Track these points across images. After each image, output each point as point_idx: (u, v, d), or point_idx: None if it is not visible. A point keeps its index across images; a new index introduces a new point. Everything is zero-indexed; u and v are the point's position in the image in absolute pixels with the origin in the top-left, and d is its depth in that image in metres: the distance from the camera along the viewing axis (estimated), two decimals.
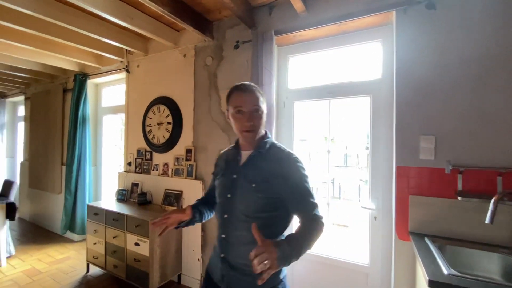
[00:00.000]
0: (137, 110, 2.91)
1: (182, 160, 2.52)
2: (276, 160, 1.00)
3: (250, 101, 0.99)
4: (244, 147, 1.08)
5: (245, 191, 0.98)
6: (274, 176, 0.96)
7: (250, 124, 0.98)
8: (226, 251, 1.01)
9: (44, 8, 1.99)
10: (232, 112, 1.02)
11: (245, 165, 1.03)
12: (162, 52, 2.71)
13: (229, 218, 1.01)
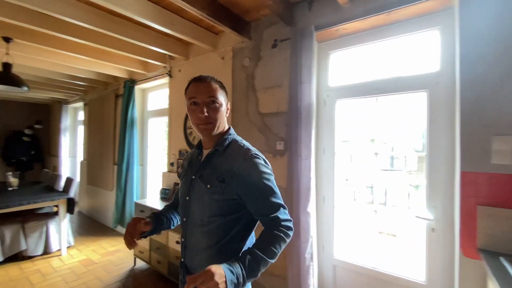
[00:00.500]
0: (179, 112, 3.03)
1: None
2: (233, 157, 0.91)
3: (204, 91, 0.91)
4: (206, 145, 1.00)
5: (200, 193, 0.92)
6: (230, 175, 0.88)
7: (204, 116, 0.89)
8: (184, 255, 0.98)
9: (99, 21, 2.17)
10: (187, 104, 0.94)
11: (202, 165, 0.96)
12: (202, 56, 2.78)
13: (187, 222, 0.96)
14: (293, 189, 1.94)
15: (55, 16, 2.02)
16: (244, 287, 0.76)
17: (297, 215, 1.90)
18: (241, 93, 2.42)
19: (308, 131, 1.87)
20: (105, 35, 2.55)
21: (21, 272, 2.74)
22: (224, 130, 0.99)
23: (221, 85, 0.97)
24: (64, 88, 4.69)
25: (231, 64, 2.51)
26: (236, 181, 0.87)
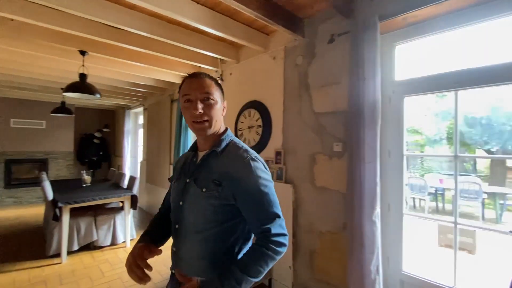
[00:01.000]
0: (230, 115, 3.07)
1: (271, 162, 2.50)
2: (231, 159, 0.86)
3: (198, 87, 0.85)
4: (201, 146, 0.94)
5: (195, 197, 0.85)
6: (227, 178, 0.82)
7: (199, 112, 0.83)
8: (176, 266, 0.90)
9: (160, 30, 2.31)
10: (181, 103, 0.88)
11: (198, 167, 0.90)
12: (252, 58, 2.78)
13: (180, 229, 0.89)
14: (355, 195, 1.79)
15: (123, 28, 2.21)
16: None
17: (361, 223, 1.74)
18: (293, 92, 2.34)
19: (373, 132, 1.70)
20: (162, 43, 2.72)
21: (93, 260, 3.06)
22: (220, 130, 0.94)
23: (216, 82, 0.91)
24: (127, 95, 5.18)
25: (283, 63, 2.45)
26: (233, 185, 0.82)
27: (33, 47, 2.69)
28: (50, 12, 2.07)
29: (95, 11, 1.96)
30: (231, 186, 0.82)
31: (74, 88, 2.73)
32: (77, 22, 2.20)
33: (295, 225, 2.28)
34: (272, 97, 2.54)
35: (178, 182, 0.95)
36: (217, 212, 0.83)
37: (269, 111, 2.56)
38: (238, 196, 0.82)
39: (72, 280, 2.60)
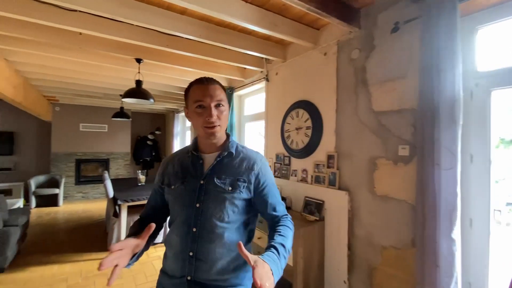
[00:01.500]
0: (276, 116, 2.98)
1: (323, 167, 2.32)
2: (250, 158, 0.94)
3: (212, 94, 0.87)
4: (207, 148, 0.95)
5: (217, 197, 0.88)
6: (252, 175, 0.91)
7: (214, 119, 0.86)
8: (195, 270, 0.85)
9: (208, 34, 2.32)
10: (192, 108, 0.89)
11: (214, 168, 0.91)
12: (301, 56, 2.64)
13: (200, 232, 0.86)
14: (427, 207, 1.53)
15: (174, 34, 2.28)
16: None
17: (435, 240, 1.48)
18: (348, 90, 2.14)
19: (453, 133, 1.43)
20: (210, 46, 2.75)
21: (147, 256, 3.24)
22: (224, 134, 0.98)
23: (224, 88, 0.95)
24: (176, 99, 5.45)
25: (335, 59, 2.26)
26: (258, 181, 0.91)
27: (96, 57, 2.94)
28: (110, 24, 2.22)
29: (148, 18, 2.03)
30: (254, 182, 0.91)
31: (131, 94, 2.92)
32: (133, 32, 2.32)
33: (351, 236, 2.07)
34: (323, 96, 2.36)
35: (184, 186, 0.92)
36: (239, 208, 0.90)
37: (320, 111, 2.39)
38: (261, 189, 0.92)
39: (129, 274, 2.77)
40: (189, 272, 0.86)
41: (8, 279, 2.63)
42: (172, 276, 0.90)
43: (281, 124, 2.85)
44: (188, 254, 0.87)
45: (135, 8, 1.97)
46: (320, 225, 2.24)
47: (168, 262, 0.94)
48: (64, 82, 4.08)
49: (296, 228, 2.06)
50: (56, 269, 2.84)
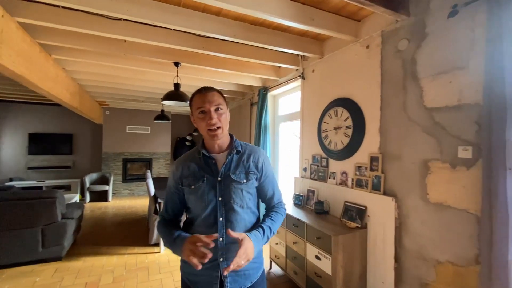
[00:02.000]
0: (312, 115, 2.85)
1: (365, 169, 2.14)
2: (254, 154, 1.09)
3: (211, 100, 0.99)
4: (214, 149, 1.07)
5: (235, 189, 1.02)
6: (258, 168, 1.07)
7: (214, 121, 0.97)
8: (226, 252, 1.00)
9: (242, 33, 2.30)
10: (196, 114, 1.01)
11: (228, 166, 1.05)
12: (339, 50, 2.48)
13: (226, 220, 1.01)
14: (496, 219, 1.29)
15: (209, 36, 2.30)
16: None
17: (506, 258, 1.25)
18: (395, 85, 1.93)
19: None
20: (244, 47, 2.73)
21: None
22: (228, 135, 1.09)
23: (221, 94, 1.05)
24: None
25: (379, 52, 2.06)
26: (262, 171, 1.08)
27: (139, 63, 3.12)
28: (150, 30, 2.32)
29: (185, 22, 2.07)
30: (260, 172, 1.09)
31: (170, 97, 3.04)
32: (171, 36, 2.40)
33: (398, 246, 1.87)
34: (365, 92, 2.18)
35: (205, 183, 1.03)
36: (253, 195, 1.08)
37: (361, 108, 2.21)
38: (264, 178, 1.10)
39: (167, 270, 2.88)
40: (221, 254, 1.00)
41: (64, 266, 2.91)
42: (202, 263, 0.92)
43: (318, 123, 2.71)
44: (218, 240, 1.00)
45: (173, 13, 2.02)
46: (362, 233, 2.07)
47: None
48: (112, 87, 4.43)
49: (334, 235, 1.93)
50: (105, 261, 3.07)
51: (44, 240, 2.94)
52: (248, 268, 1.03)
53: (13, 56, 1.98)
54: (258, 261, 1.09)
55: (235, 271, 1.00)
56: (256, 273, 1.07)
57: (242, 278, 1.03)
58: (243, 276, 1.03)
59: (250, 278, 1.05)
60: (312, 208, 2.60)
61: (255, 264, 1.06)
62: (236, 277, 1.02)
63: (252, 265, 1.04)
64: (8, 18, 1.88)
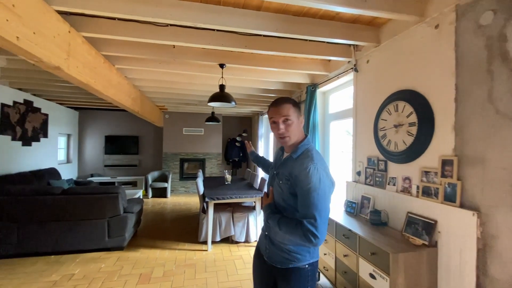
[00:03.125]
0: (367, 112, 2.52)
1: (435, 175, 1.76)
2: (299, 163, 1.14)
3: (280, 112, 1.16)
4: (286, 149, 1.28)
5: (276, 185, 1.24)
6: (292, 176, 1.14)
7: (281, 131, 1.16)
8: (268, 230, 1.27)
9: (284, 26, 2.15)
10: (270, 123, 1.22)
11: (280, 165, 1.26)
12: (400, 35, 2.12)
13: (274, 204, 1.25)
14: None
15: (251, 32, 2.21)
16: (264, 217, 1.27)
17: None
18: (476, 69, 1.53)
19: None
20: (288, 41, 2.57)
21: (230, 254, 3.34)
22: (299, 139, 1.22)
23: (293, 104, 1.19)
24: (260, 102, 5.55)
25: (453, 30, 1.67)
26: (295, 183, 1.13)
27: (188, 67, 3.24)
28: (194, 33, 2.36)
29: (226, 20, 2.03)
30: (293, 183, 1.13)
31: (215, 98, 3.07)
32: (214, 37, 2.40)
33: (481, 275, 1.46)
34: (434, 82, 1.80)
35: (272, 171, 1.36)
36: (287, 196, 1.17)
37: (429, 101, 1.83)
38: (297, 191, 1.13)
39: (213, 269, 2.90)
40: (267, 229, 1.30)
41: (124, 256, 3.20)
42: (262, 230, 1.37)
43: (374, 121, 2.37)
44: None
45: (213, 12, 2.00)
46: (431, 252, 1.70)
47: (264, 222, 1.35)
48: (168, 92, 4.76)
49: (394, 252, 1.63)
50: (158, 254, 3.28)
51: (110, 230, 3.29)
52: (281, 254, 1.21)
53: (80, 67, 2.23)
54: (291, 256, 1.20)
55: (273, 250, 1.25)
56: (287, 263, 1.20)
57: (276, 258, 1.23)
58: (277, 257, 1.23)
59: (281, 263, 1.22)
60: (366, 218, 2.29)
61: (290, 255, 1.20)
62: (272, 254, 1.25)
63: (287, 255, 1.20)
64: (74, 34, 2.12)
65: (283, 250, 1.20)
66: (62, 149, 6.79)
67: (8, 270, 2.80)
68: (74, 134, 7.16)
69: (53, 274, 2.73)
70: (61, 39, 1.93)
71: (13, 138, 4.58)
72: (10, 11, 1.40)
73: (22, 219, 3.06)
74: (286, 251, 1.19)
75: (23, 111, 4.81)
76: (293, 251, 1.19)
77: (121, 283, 2.58)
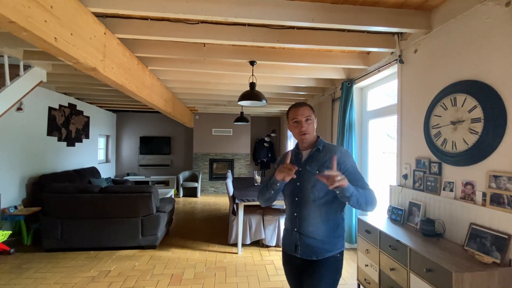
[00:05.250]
0: (416, 107, 2.24)
1: (507, 180, 1.47)
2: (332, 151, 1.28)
3: (303, 113, 1.30)
4: (303, 147, 1.37)
5: (309, 178, 1.26)
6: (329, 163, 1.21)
7: (304, 128, 1.30)
8: (298, 225, 1.30)
9: (320, 15, 1.97)
10: (291, 123, 1.35)
11: (307, 160, 1.32)
12: (457, 18, 1.83)
13: (300, 200, 1.29)
14: None
15: (284, 24, 2.07)
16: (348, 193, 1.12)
17: None
18: None
19: None
20: (323, 33, 2.40)
21: (261, 258, 3.21)
22: (314, 138, 1.37)
23: (311, 108, 1.35)
24: (290, 100, 5.37)
25: None
26: (339, 165, 1.22)
27: (217, 66, 3.19)
28: (224, 29, 2.28)
29: (257, 12, 1.91)
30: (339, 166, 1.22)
31: (246, 97, 2.98)
32: (245, 32, 2.31)
33: None
34: (507, 70, 1.51)
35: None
36: (324, 186, 1.18)
37: (499, 93, 1.54)
38: (344, 171, 1.22)
39: (244, 274, 2.80)
40: (295, 225, 1.31)
41: (157, 255, 3.23)
42: (287, 229, 1.39)
43: (425, 118, 2.10)
44: (294, 214, 1.32)
45: (245, 5, 1.89)
46: (504, 273, 1.41)
47: (286, 222, 1.41)
48: (198, 93, 4.80)
49: (457, 271, 1.38)
50: (189, 254, 3.27)
51: (143, 229, 3.35)
52: (318, 246, 1.27)
53: (115, 68, 2.26)
54: (328, 246, 1.27)
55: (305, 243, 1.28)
56: (323, 253, 1.27)
57: (310, 251, 1.28)
58: (312, 250, 1.27)
59: (317, 254, 1.27)
60: (417, 227, 2.02)
61: (324, 245, 1.27)
62: (306, 248, 1.28)
63: (321, 245, 1.26)
64: (109, 35, 2.15)
65: (316, 240, 1.26)
66: (102, 149, 7.22)
67: (51, 263, 2.96)
68: (112, 135, 7.59)
69: (91, 269, 2.83)
70: (97, 41, 1.96)
71: (59, 139, 4.93)
72: (48, 12, 1.42)
73: (65, 215, 3.23)
74: (319, 241, 1.26)
75: (67, 114, 5.16)
76: (327, 241, 1.27)
77: (153, 282, 2.58)
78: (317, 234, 1.27)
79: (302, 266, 1.32)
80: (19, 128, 3.91)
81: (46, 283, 2.55)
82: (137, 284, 2.54)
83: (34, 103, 4.18)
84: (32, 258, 3.08)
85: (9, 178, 3.73)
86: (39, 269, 2.83)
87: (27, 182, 4.06)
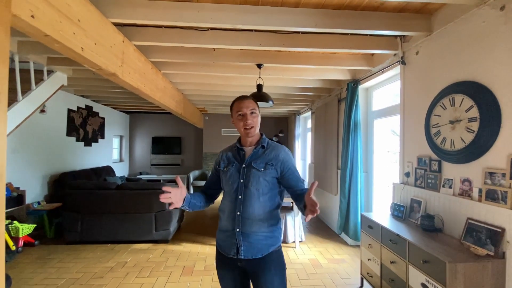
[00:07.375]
0: (417, 107, 2.32)
1: (502, 177, 1.54)
2: (276, 150, 1.30)
3: (247, 105, 1.26)
4: (246, 144, 1.32)
5: (254, 176, 1.24)
6: (276, 161, 1.26)
7: (249, 122, 1.25)
8: (241, 225, 1.22)
9: (323, 21, 2.09)
10: (235, 116, 1.28)
11: (252, 157, 1.29)
12: (455, 21, 1.91)
13: (244, 198, 1.23)
14: None
15: (289, 30, 2.19)
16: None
17: None
18: None
19: None
20: (327, 36, 2.50)
21: None
22: (258, 134, 1.33)
23: (255, 101, 1.32)
24: (297, 101, 5.47)
25: None
26: (281, 165, 1.26)
27: (226, 69, 3.34)
28: (232, 34, 2.42)
29: (264, 19, 2.04)
30: (280, 165, 1.26)
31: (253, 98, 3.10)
32: (252, 37, 2.44)
33: None
34: (501, 71, 1.58)
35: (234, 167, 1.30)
36: (270, 183, 1.25)
37: (494, 93, 1.61)
38: (284, 171, 1.26)
39: None
40: (237, 226, 1.22)
41: (169, 249, 3.41)
42: (226, 230, 1.27)
43: (426, 117, 2.17)
44: (236, 213, 1.23)
45: (252, 13, 2.03)
46: (497, 264, 1.49)
47: (223, 223, 1.30)
48: (208, 95, 4.97)
49: (451, 261, 1.47)
50: (199, 249, 3.43)
51: (157, 224, 3.54)
52: (262, 243, 1.22)
53: (132, 73, 2.44)
54: (271, 240, 1.24)
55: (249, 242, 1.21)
56: (267, 248, 1.23)
57: (254, 249, 1.21)
58: (256, 248, 1.21)
59: (262, 251, 1.22)
60: (417, 223, 2.10)
61: (268, 240, 1.23)
62: (249, 247, 1.21)
63: (265, 241, 1.23)
64: (127, 43, 2.32)
65: (260, 237, 1.22)
66: (116, 149, 7.51)
67: (73, 255, 3.18)
68: (126, 136, 7.88)
69: (109, 260, 3.03)
70: (116, 48, 2.14)
71: (77, 139, 5.20)
72: (76, 25, 1.59)
73: (84, 210, 3.45)
74: (263, 238, 1.22)
75: (85, 115, 5.44)
76: (270, 236, 1.24)
77: (166, 273, 2.75)
78: (261, 231, 1.22)
79: (246, 267, 1.23)
80: (41, 129, 4.18)
81: (69, 272, 2.75)
82: (151, 274, 2.72)
83: (55, 105, 4.44)
84: (55, 250, 3.31)
85: (33, 175, 4.00)
86: (62, 259, 3.04)
87: (48, 179, 4.33)
